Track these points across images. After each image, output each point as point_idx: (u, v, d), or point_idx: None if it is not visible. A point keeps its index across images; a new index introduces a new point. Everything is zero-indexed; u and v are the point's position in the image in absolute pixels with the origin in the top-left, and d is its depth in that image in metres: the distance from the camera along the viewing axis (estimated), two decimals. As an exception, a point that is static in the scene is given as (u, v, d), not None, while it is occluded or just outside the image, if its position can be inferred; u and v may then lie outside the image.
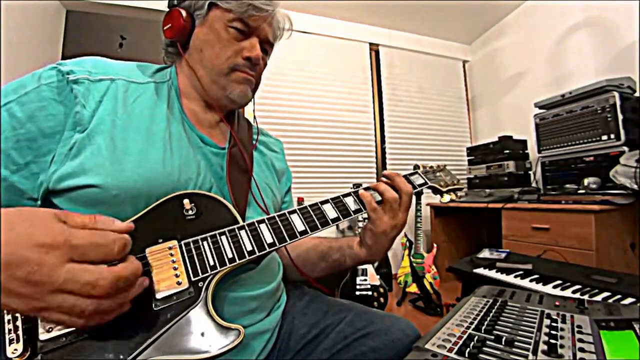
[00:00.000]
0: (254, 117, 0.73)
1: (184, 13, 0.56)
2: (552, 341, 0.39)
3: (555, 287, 0.95)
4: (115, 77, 0.50)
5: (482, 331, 0.43)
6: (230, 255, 0.44)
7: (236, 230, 0.46)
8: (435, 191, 0.68)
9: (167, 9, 0.59)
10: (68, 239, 0.29)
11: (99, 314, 0.31)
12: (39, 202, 0.44)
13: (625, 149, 1.47)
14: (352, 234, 2.39)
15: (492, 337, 0.41)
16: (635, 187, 1.31)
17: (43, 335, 0.33)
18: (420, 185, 0.65)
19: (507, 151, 2.14)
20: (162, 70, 0.60)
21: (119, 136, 0.46)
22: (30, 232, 0.29)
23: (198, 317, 0.38)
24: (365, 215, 0.56)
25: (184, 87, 0.59)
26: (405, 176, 0.64)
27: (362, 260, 0.61)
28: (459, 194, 0.71)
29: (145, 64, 0.59)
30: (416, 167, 0.69)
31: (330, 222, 0.52)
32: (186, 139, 0.54)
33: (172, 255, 0.42)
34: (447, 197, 0.69)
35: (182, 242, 0.43)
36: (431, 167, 0.71)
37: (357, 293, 1.75)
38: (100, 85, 0.48)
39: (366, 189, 0.58)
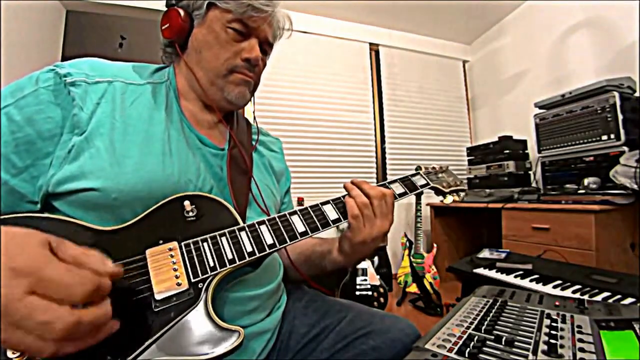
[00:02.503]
0: (254, 117, 0.73)
1: (182, 13, 0.55)
2: (552, 341, 0.39)
3: (555, 287, 0.95)
4: (112, 79, 0.50)
5: (482, 331, 0.44)
6: (230, 257, 0.44)
7: (236, 231, 0.46)
8: (438, 192, 0.68)
9: (165, 9, 0.58)
10: (39, 269, 0.26)
11: (62, 353, 0.27)
12: (39, 206, 0.44)
13: (625, 149, 1.47)
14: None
15: (492, 337, 0.41)
16: (635, 187, 1.31)
17: (43, 336, 0.33)
18: (422, 186, 0.65)
19: (507, 151, 2.14)
20: (160, 71, 0.60)
21: (117, 139, 0.46)
22: (10, 254, 0.26)
23: (198, 318, 0.38)
24: None
25: (182, 88, 0.59)
26: (407, 177, 0.64)
27: (341, 266, 0.60)
28: (461, 195, 0.70)
29: (143, 65, 0.59)
30: (418, 168, 0.69)
31: (331, 223, 0.52)
32: (185, 140, 0.53)
33: (172, 256, 0.42)
34: (449, 198, 0.69)
35: (183, 243, 0.43)
36: (433, 168, 0.70)
37: (357, 293, 1.75)
38: (98, 87, 0.47)
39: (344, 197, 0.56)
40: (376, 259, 2.20)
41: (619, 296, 0.83)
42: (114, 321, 0.31)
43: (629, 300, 0.80)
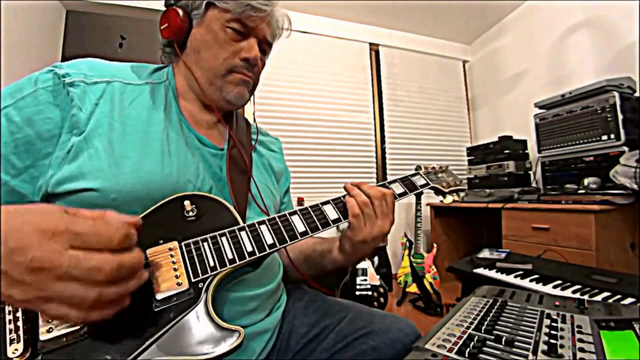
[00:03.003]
0: (254, 117, 0.73)
1: (181, 12, 0.55)
2: (552, 341, 0.39)
3: (555, 287, 0.95)
4: (111, 79, 0.50)
5: (482, 331, 0.44)
6: (230, 256, 0.44)
7: (236, 231, 0.46)
8: (438, 192, 0.68)
9: (164, 8, 0.58)
10: (70, 226, 0.29)
11: (99, 306, 0.30)
12: None
13: (625, 149, 1.47)
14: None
15: (492, 337, 0.41)
16: (635, 187, 1.31)
17: (43, 336, 0.33)
18: (422, 186, 0.65)
19: (507, 151, 2.14)
20: (159, 71, 0.60)
21: (116, 139, 0.46)
22: (34, 220, 0.28)
23: (198, 318, 0.38)
24: None
25: (181, 88, 0.59)
26: (407, 177, 0.64)
27: (341, 265, 0.60)
28: (461, 194, 0.70)
29: (142, 65, 0.59)
30: (418, 168, 0.69)
31: (331, 223, 0.52)
32: (184, 140, 0.53)
33: (172, 256, 0.42)
34: (449, 198, 0.69)
35: (183, 243, 0.43)
36: (433, 167, 0.70)
37: (357, 293, 1.75)
38: (97, 87, 0.48)
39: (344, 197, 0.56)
40: (376, 259, 2.20)
41: (619, 296, 0.83)
42: (144, 270, 0.34)
43: (629, 300, 0.80)
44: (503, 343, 0.40)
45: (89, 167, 0.43)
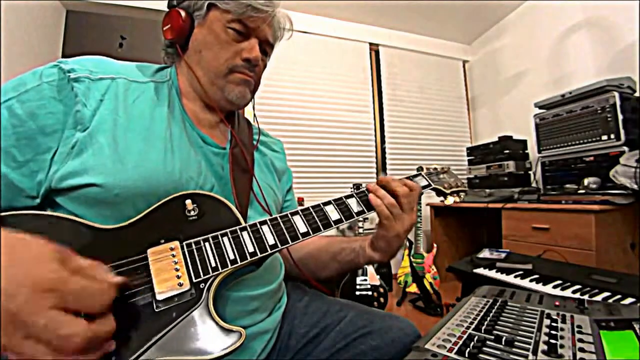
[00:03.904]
0: (255, 117, 0.74)
1: (183, 14, 0.56)
2: (552, 341, 0.39)
3: (555, 287, 0.95)
4: (116, 76, 0.50)
5: (482, 331, 0.44)
6: (232, 257, 0.44)
7: (238, 231, 0.46)
8: (439, 193, 0.68)
9: (167, 10, 0.59)
10: (63, 283, 0.28)
11: None
12: (37, 200, 0.44)
13: (625, 149, 1.47)
14: (352, 234, 2.40)
15: (492, 337, 0.41)
16: (635, 187, 1.31)
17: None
18: (423, 187, 0.65)
19: (507, 151, 2.15)
20: (162, 70, 0.60)
21: (120, 135, 0.46)
22: (30, 271, 0.27)
23: (199, 319, 0.38)
24: (367, 216, 0.57)
25: (183, 87, 0.59)
26: (408, 178, 0.64)
27: (376, 261, 0.62)
28: (462, 195, 0.71)
29: (146, 64, 0.59)
30: (419, 168, 0.69)
31: (333, 224, 0.52)
32: (187, 138, 0.54)
33: (174, 256, 0.42)
34: (450, 199, 0.69)
35: (184, 243, 0.43)
36: (435, 168, 0.70)
37: (357, 293, 1.75)
38: (101, 84, 0.48)
39: (366, 190, 0.58)
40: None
41: (619, 296, 0.83)
42: (112, 341, 0.32)
43: (629, 300, 0.80)
44: (503, 343, 0.40)
45: (93, 162, 0.43)
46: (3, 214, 0.38)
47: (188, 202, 0.45)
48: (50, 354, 0.27)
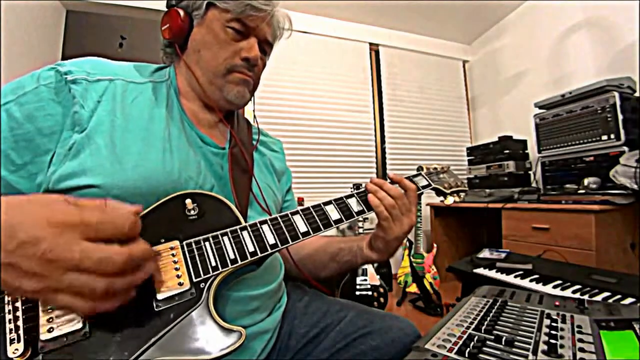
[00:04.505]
0: (254, 117, 0.73)
1: (181, 13, 0.56)
2: (552, 341, 0.39)
3: (555, 287, 0.95)
4: (113, 78, 0.50)
5: (482, 331, 0.44)
6: (232, 256, 0.44)
7: (238, 230, 0.46)
8: (439, 193, 0.68)
9: (166, 9, 0.59)
10: (81, 218, 0.30)
11: (108, 297, 0.30)
12: None
13: (625, 149, 1.47)
14: (352, 234, 2.40)
15: (492, 337, 0.41)
16: (635, 187, 1.31)
17: (44, 335, 0.33)
18: (424, 187, 0.65)
19: (507, 151, 2.15)
20: (160, 70, 0.60)
21: (118, 136, 0.46)
22: (44, 213, 0.29)
23: (199, 318, 0.38)
24: (367, 216, 0.57)
25: (182, 87, 0.59)
26: (408, 178, 0.64)
27: (374, 261, 0.62)
28: (462, 195, 0.70)
29: (143, 64, 0.59)
30: (419, 168, 0.69)
31: (333, 224, 0.52)
32: (186, 138, 0.54)
33: (174, 255, 0.42)
34: (450, 199, 0.69)
35: (184, 243, 0.43)
36: (435, 168, 0.70)
37: (357, 293, 1.75)
38: (99, 85, 0.48)
39: (366, 191, 0.58)
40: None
41: (619, 296, 0.83)
42: (151, 262, 0.34)
43: (629, 300, 0.80)
44: (503, 343, 0.40)
45: (91, 163, 0.43)
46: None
47: (188, 201, 0.45)
48: (94, 280, 0.29)
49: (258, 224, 0.48)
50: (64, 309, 0.33)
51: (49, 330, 0.33)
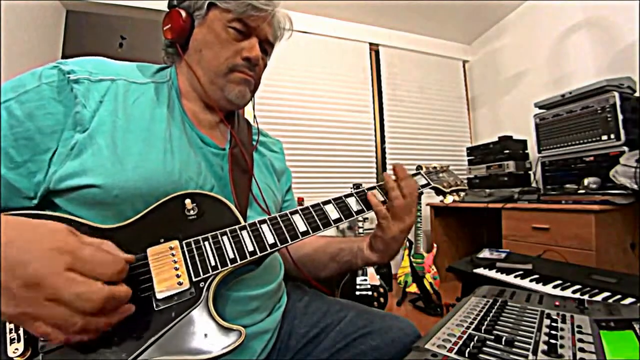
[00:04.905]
0: (254, 118, 0.73)
1: (183, 13, 0.56)
2: (552, 341, 0.39)
3: (555, 287, 0.95)
4: (115, 78, 0.50)
5: (482, 331, 0.44)
6: (231, 256, 0.44)
7: (238, 230, 0.46)
8: (438, 192, 0.68)
9: (167, 10, 0.59)
10: (77, 249, 0.31)
11: (83, 332, 0.30)
12: (35, 201, 0.44)
13: (625, 149, 1.47)
14: (352, 234, 2.40)
15: (492, 337, 0.41)
16: (635, 187, 1.31)
17: (44, 335, 0.33)
18: (423, 186, 0.65)
19: (507, 151, 2.14)
20: (162, 71, 0.60)
21: (119, 137, 0.46)
22: (42, 238, 0.30)
23: (199, 318, 0.38)
24: (366, 215, 0.57)
25: (183, 88, 0.59)
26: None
27: (373, 263, 0.61)
28: (462, 195, 0.70)
29: (146, 65, 0.59)
30: (419, 167, 0.69)
31: (332, 223, 0.52)
32: (186, 139, 0.54)
33: (173, 255, 0.42)
34: (450, 198, 0.69)
35: (184, 242, 0.43)
36: (434, 167, 0.70)
37: (357, 293, 1.75)
38: (101, 85, 0.48)
39: (369, 189, 0.58)
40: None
41: (619, 296, 0.83)
42: (130, 304, 0.34)
43: (629, 300, 0.80)
44: (503, 343, 0.40)
45: (92, 163, 0.43)
46: (1, 214, 0.38)
47: (187, 201, 0.45)
48: (71, 316, 0.29)
49: (257, 224, 0.48)
50: (41, 337, 0.33)
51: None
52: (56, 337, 0.30)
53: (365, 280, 1.78)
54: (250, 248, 0.45)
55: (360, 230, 2.20)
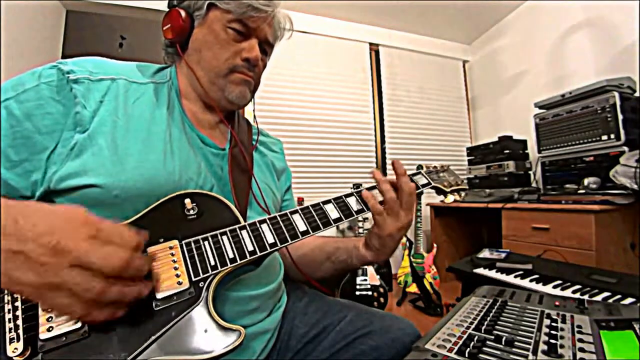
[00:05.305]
0: (254, 117, 0.73)
1: (183, 13, 0.56)
2: (552, 341, 0.39)
3: (555, 287, 0.95)
4: (116, 77, 0.50)
5: (482, 331, 0.44)
6: (231, 255, 0.44)
7: (237, 230, 0.46)
8: (439, 192, 0.68)
9: (167, 9, 0.59)
10: (97, 222, 0.33)
11: (99, 305, 0.31)
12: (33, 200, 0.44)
13: (625, 149, 1.47)
14: (353, 234, 2.40)
15: (492, 337, 0.41)
16: (635, 187, 1.31)
17: (43, 335, 0.33)
18: (423, 186, 0.64)
19: (507, 151, 2.14)
20: (162, 71, 0.60)
21: (119, 137, 0.46)
22: (65, 213, 0.32)
23: (199, 317, 0.38)
24: (366, 215, 0.56)
25: (183, 88, 0.59)
26: (409, 176, 0.64)
27: (369, 262, 0.60)
28: (462, 194, 0.70)
29: (146, 64, 0.59)
30: (419, 167, 0.69)
31: (332, 223, 0.52)
32: (186, 139, 0.54)
33: (173, 254, 0.42)
34: (450, 198, 0.69)
35: (183, 242, 0.43)
36: (435, 167, 0.70)
37: (357, 293, 1.75)
38: (101, 85, 0.48)
39: (369, 188, 0.58)
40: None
41: (619, 296, 0.83)
42: (145, 284, 0.35)
43: (629, 300, 0.80)
44: (503, 343, 0.40)
45: (92, 163, 0.43)
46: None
47: (187, 201, 0.45)
48: (92, 279, 0.30)
49: (257, 224, 0.47)
50: (60, 310, 0.33)
51: (49, 330, 0.33)
52: (76, 310, 0.31)
53: (365, 280, 1.78)
54: (250, 248, 0.45)
55: (361, 230, 2.20)
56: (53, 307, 0.32)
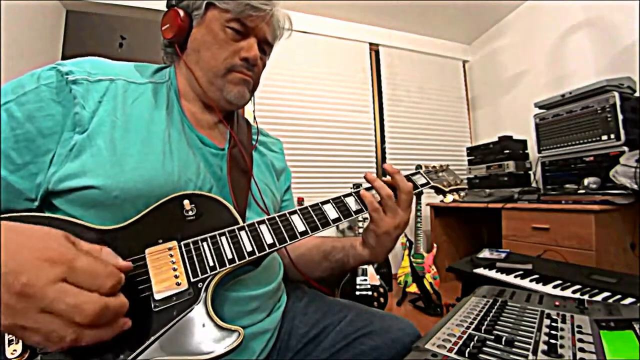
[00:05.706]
0: (254, 117, 0.73)
1: (181, 13, 0.56)
2: (552, 341, 0.39)
3: (555, 287, 0.95)
4: (114, 78, 0.50)
5: (482, 331, 0.43)
6: (230, 256, 0.43)
7: (236, 230, 0.46)
8: (438, 191, 0.68)
9: (166, 9, 0.59)
10: (71, 260, 0.29)
11: (77, 344, 0.29)
12: (36, 203, 0.43)
13: (625, 149, 1.47)
14: (353, 234, 2.39)
15: (492, 337, 0.41)
16: (635, 187, 1.31)
17: (43, 336, 0.33)
18: (422, 185, 0.64)
19: (507, 151, 2.14)
20: (161, 71, 0.60)
21: (118, 137, 0.46)
22: (36, 246, 0.29)
23: (197, 318, 0.38)
24: (366, 216, 0.56)
25: (182, 88, 0.59)
26: (407, 176, 0.64)
27: (366, 261, 0.59)
28: (462, 194, 0.70)
29: (144, 65, 0.59)
30: (418, 167, 0.69)
31: (331, 223, 0.52)
32: (185, 140, 0.53)
33: (171, 255, 0.42)
34: (450, 197, 0.69)
35: (182, 243, 0.43)
36: (434, 167, 0.70)
37: (357, 293, 1.75)
38: (100, 85, 0.48)
39: (367, 189, 0.58)
40: (376, 259, 2.20)
41: (619, 296, 0.82)
42: (126, 318, 0.33)
43: (629, 300, 0.80)
44: (503, 343, 0.40)
45: (91, 164, 0.43)
46: (1, 216, 0.38)
47: (186, 202, 0.45)
48: (64, 328, 0.28)
49: (256, 224, 0.47)
50: (35, 346, 0.32)
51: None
52: (51, 347, 0.29)
53: (365, 280, 1.78)
54: (249, 248, 0.45)
55: (360, 231, 2.20)
56: (30, 343, 0.30)
